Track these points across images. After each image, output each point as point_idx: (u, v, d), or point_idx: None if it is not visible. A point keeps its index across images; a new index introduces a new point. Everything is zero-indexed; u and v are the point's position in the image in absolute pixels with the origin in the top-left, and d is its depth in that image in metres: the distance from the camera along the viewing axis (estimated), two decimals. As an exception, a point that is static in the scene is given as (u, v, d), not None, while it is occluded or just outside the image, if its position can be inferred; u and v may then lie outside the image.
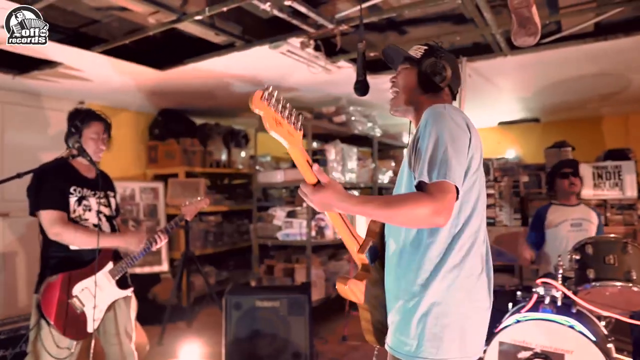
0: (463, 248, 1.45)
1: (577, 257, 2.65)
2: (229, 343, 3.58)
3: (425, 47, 1.68)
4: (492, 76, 4.65)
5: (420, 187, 1.35)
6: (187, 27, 3.38)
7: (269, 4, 2.88)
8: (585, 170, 4.14)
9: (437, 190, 1.30)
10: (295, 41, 3.55)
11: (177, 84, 4.65)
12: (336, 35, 3.54)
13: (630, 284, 2.46)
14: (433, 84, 1.62)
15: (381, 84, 4.76)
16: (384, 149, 6.49)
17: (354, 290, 1.59)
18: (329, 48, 3.84)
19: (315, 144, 6.25)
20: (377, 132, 5.73)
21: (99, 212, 2.54)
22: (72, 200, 2.45)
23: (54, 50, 3.57)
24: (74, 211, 2.45)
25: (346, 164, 4.91)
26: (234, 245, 6.18)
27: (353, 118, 5.17)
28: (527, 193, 4.49)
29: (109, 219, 2.60)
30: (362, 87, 2.14)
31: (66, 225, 2.37)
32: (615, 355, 2.60)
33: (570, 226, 3.39)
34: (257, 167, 5.81)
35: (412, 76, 1.65)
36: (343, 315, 4.47)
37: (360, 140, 5.64)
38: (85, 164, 2.54)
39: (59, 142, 2.66)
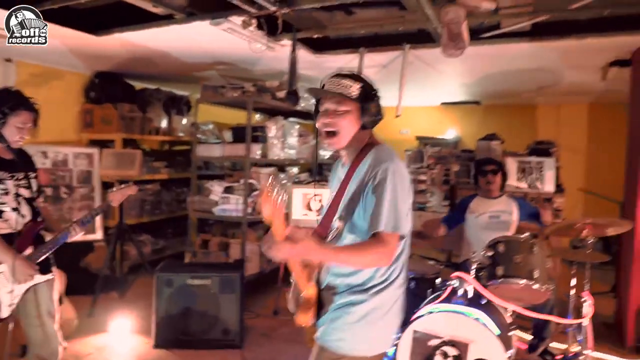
0: (397, 267, 1.74)
1: (490, 254, 2.85)
2: (159, 319, 3.62)
3: (361, 85, 1.71)
4: (434, 63, 4.74)
5: (376, 233, 1.60)
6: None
7: (208, -17, 2.79)
8: (511, 164, 4.37)
9: (390, 240, 1.60)
10: (237, 19, 3.47)
11: (115, 49, 4.45)
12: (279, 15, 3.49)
13: (532, 282, 2.69)
14: (374, 123, 1.74)
15: (326, 62, 4.78)
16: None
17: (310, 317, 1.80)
18: (273, 26, 3.78)
19: (258, 117, 6.20)
20: (321, 109, 5.74)
21: (17, 194, 2.45)
22: (-14, 185, 2.34)
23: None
24: (-10, 196, 2.34)
25: (287, 140, 4.92)
26: (173, 213, 6.12)
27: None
28: (457, 182, 4.70)
29: (29, 201, 2.52)
30: (292, 98, 2.15)
31: None
32: (515, 342, 2.87)
33: (488, 218, 3.62)
34: (199, 136, 5.73)
35: (354, 117, 1.71)
36: (275, 289, 4.60)
37: (305, 114, 5.64)
38: (1, 147, 2.42)
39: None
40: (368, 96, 1.71)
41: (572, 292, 3.08)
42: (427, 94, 7.05)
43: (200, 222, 5.26)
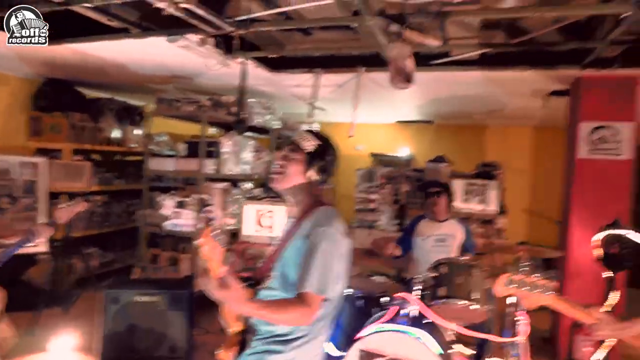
0: (321, 325, 1.81)
1: (434, 275, 2.97)
2: (105, 337, 3.54)
3: (316, 143, 1.82)
4: (388, 86, 4.87)
5: (301, 292, 1.67)
6: (77, 7, 3.18)
7: (164, 3, 2.80)
8: (458, 185, 4.55)
9: (313, 302, 1.66)
10: (193, 37, 3.49)
11: (66, 57, 4.36)
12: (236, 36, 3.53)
13: (470, 303, 2.83)
14: (318, 182, 1.83)
15: (283, 80, 4.84)
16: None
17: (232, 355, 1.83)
18: (230, 43, 3.81)
19: (213, 131, 6.18)
20: (276, 124, 5.79)
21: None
22: None
23: None
24: None
25: (241, 155, 4.93)
26: (123, 226, 5.99)
27: (253, 109, 5.18)
28: (407, 201, 4.86)
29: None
30: (242, 126, 2.20)
31: None
32: (456, 359, 2.99)
33: (434, 241, 3.76)
34: (152, 147, 5.65)
35: (301, 168, 1.81)
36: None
37: (261, 130, 5.68)
38: None
39: None
40: (318, 155, 1.82)
41: (510, 310, 3.24)
42: (382, 112, 7.23)
43: (151, 236, 5.18)
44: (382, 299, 3.26)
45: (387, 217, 4.89)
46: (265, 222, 4.30)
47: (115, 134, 5.87)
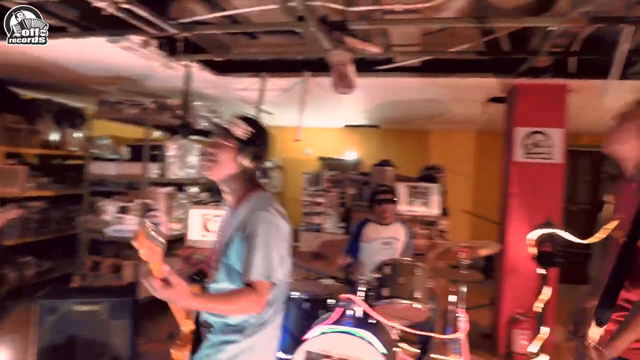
0: (272, 310, 1.79)
1: (377, 276, 3.04)
2: (41, 351, 3.37)
3: (248, 130, 1.78)
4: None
5: (247, 281, 1.65)
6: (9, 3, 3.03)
7: (104, 3, 2.72)
8: (402, 188, 4.68)
9: (261, 288, 1.65)
10: (135, 38, 3.41)
11: (-2, 56, 4.15)
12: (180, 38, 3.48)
13: (413, 302, 2.92)
14: (251, 170, 1.79)
15: (229, 83, 4.81)
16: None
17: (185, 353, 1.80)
18: (175, 45, 3.75)
19: (157, 134, 6.04)
20: (224, 128, 5.72)
21: None
22: None
23: None
24: None
25: (187, 159, 4.85)
26: (61, 233, 5.72)
27: (199, 112, 5.10)
28: (353, 204, 4.94)
29: None
30: (186, 130, 2.17)
31: None
32: (402, 356, 3.08)
33: (381, 244, 3.85)
34: (94, 151, 5.45)
35: (232, 155, 1.77)
36: (170, 312, 4.46)
37: (207, 133, 5.60)
38: None
39: None
40: (250, 141, 1.77)
41: (451, 308, 3.36)
42: (329, 117, 7.32)
43: (92, 243, 4.99)
44: (328, 301, 3.30)
45: (333, 220, 4.95)
46: (211, 226, 4.24)
47: (54, 136, 5.62)
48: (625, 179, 1.97)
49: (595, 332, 1.74)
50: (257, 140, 1.78)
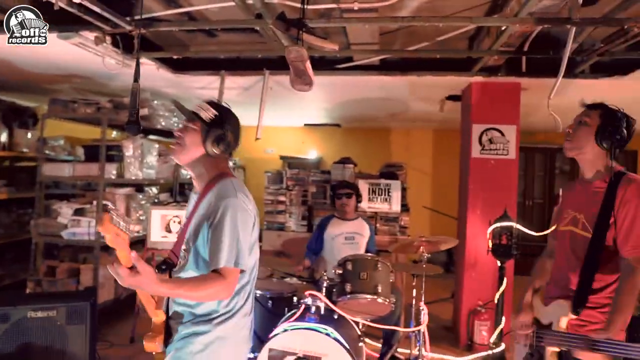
0: (242, 298, 1.78)
1: (340, 272, 3.07)
2: (-8, 360, 3.23)
3: (216, 113, 1.77)
4: (294, 89, 4.97)
5: (216, 267, 1.63)
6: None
7: (54, -4, 2.63)
8: (363, 186, 4.75)
9: (229, 275, 1.64)
10: (89, 34, 3.31)
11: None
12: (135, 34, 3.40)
13: (376, 297, 2.96)
14: (216, 153, 1.76)
15: (187, 82, 4.74)
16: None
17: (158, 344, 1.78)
18: (130, 42, 3.66)
19: (114, 134, 5.89)
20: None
21: None
22: None
23: None
24: None
25: (145, 159, 4.75)
26: (13, 237, 5.49)
27: (157, 112, 5.01)
28: (314, 202, 4.97)
29: None
30: (133, 128, 2.13)
31: None
32: (366, 351, 3.12)
33: (344, 239, 3.89)
34: (47, 152, 5.26)
35: (199, 138, 1.75)
36: (132, 315, 4.38)
37: (166, 133, 5.50)
38: None
39: None
40: (216, 124, 1.75)
41: (413, 302, 3.43)
42: (290, 115, 7.31)
43: (47, 247, 4.81)
44: (292, 299, 3.31)
45: (295, 218, 4.96)
46: (173, 227, 4.18)
47: (3, 137, 5.38)
48: (583, 179, 2.08)
49: (566, 321, 1.95)
50: (224, 123, 1.76)
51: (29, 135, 5.71)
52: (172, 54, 3.94)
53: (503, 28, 3.06)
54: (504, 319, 3.99)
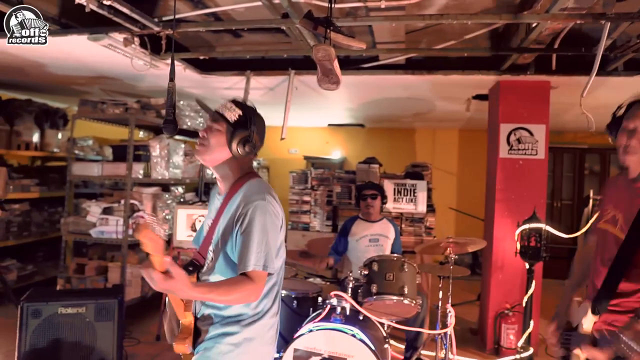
0: (270, 299, 1.79)
1: (365, 272, 3.04)
2: (24, 355, 3.31)
3: (240, 112, 1.76)
4: (319, 88, 4.93)
5: (244, 271, 1.62)
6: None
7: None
8: (388, 186, 4.70)
9: (258, 278, 1.63)
10: (118, 36, 3.36)
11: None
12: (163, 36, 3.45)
13: (402, 298, 2.92)
14: (243, 154, 1.74)
15: (213, 82, 4.78)
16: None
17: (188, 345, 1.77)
18: (158, 43, 3.71)
19: (142, 134, 5.98)
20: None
21: None
22: None
23: None
24: None
25: (172, 159, 4.81)
26: (44, 235, 5.64)
27: (183, 112, 5.07)
28: (339, 202, 4.95)
29: None
30: (170, 127, 2.15)
31: None
32: (391, 353, 3.09)
33: (368, 241, 3.86)
34: (76, 152, 5.38)
35: (224, 139, 1.74)
36: (158, 314, 4.43)
37: (192, 133, 5.56)
38: None
39: None
40: (241, 124, 1.74)
41: (440, 304, 3.38)
42: (314, 116, 7.31)
43: (76, 245, 4.92)
44: (317, 299, 3.30)
45: (320, 218, 4.95)
46: (198, 226, 4.21)
47: (35, 137, 5.53)
48: (627, 177, 1.92)
49: (589, 321, 1.84)
50: (249, 123, 1.74)
51: (60, 135, 5.85)
52: (198, 54, 3.97)
53: (533, 25, 2.98)
54: (532, 322, 3.90)
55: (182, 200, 5.03)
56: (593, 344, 1.79)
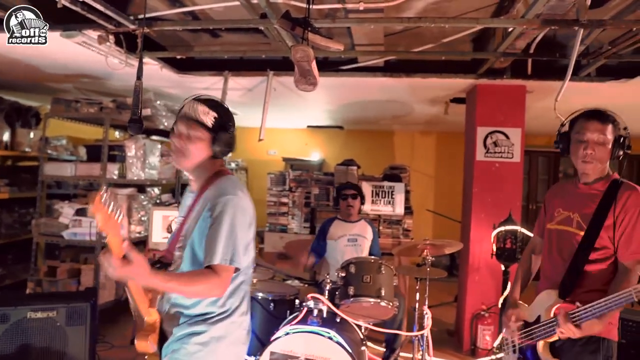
0: (238, 297, 1.76)
1: (343, 274, 3.04)
2: (-9, 361, 3.21)
3: (215, 115, 1.72)
4: (298, 90, 4.93)
5: (210, 264, 1.60)
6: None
7: (58, -6, 2.62)
8: (367, 188, 4.71)
9: (224, 272, 1.60)
10: (92, 33, 3.29)
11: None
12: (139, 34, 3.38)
13: (380, 300, 2.92)
14: (224, 154, 1.75)
15: (190, 82, 4.72)
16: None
17: (151, 343, 1.74)
18: (134, 42, 3.64)
19: (117, 134, 5.88)
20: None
21: None
22: None
23: None
24: None
25: (148, 159, 4.73)
26: (14, 237, 5.47)
27: (159, 112, 4.99)
28: (317, 204, 4.94)
29: None
30: (136, 127, 2.11)
31: None
32: (369, 355, 3.08)
33: (347, 241, 3.86)
34: (49, 152, 5.25)
35: (205, 145, 1.71)
36: (133, 317, 4.35)
37: (168, 133, 5.47)
38: None
39: None
40: (222, 127, 1.72)
41: (417, 305, 3.39)
42: (293, 117, 7.29)
43: (48, 247, 4.80)
44: (295, 301, 3.28)
45: (298, 220, 4.93)
46: (174, 228, 4.15)
47: (5, 136, 5.37)
48: (577, 182, 2.12)
49: (553, 308, 2.01)
50: (227, 123, 1.73)
51: (32, 134, 5.70)
52: (175, 54, 3.92)
53: (509, 30, 3.03)
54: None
55: (158, 201, 4.95)
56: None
